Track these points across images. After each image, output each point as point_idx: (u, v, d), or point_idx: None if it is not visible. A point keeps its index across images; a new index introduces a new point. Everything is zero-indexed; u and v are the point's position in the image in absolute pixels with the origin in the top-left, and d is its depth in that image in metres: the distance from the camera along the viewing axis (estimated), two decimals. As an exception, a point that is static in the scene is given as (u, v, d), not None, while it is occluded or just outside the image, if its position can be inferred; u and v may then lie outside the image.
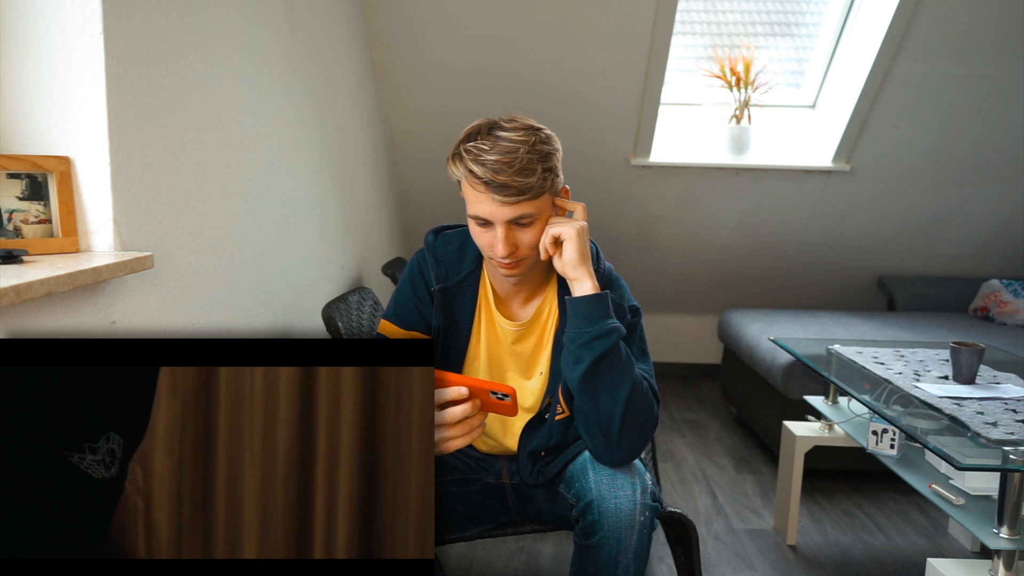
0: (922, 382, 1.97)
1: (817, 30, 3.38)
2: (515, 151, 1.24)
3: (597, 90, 3.11)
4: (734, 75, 3.31)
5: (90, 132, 1.18)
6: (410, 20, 2.88)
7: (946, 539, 2.35)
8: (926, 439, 1.61)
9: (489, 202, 1.26)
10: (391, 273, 2.96)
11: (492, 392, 1.07)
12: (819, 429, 2.30)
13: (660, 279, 3.93)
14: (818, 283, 3.97)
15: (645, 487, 1.29)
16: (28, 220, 1.17)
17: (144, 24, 1.27)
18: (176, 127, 1.38)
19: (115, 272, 1.13)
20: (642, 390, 1.29)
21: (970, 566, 1.57)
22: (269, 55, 1.84)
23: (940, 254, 3.83)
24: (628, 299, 1.42)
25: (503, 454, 1.53)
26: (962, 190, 3.50)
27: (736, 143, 3.37)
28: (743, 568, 2.16)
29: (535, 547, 2.25)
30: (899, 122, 3.22)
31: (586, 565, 1.29)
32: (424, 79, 3.09)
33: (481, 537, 1.54)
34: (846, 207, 3.57)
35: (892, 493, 2.65)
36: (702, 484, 2.75)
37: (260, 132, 1.78)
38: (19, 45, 1.16)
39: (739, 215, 3.63)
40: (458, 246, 1.45)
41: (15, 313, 1.02)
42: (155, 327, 1.32)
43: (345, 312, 2.04)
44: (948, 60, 2.99)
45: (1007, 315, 3.48)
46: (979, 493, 1.71)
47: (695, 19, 3.47)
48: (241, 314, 1.68)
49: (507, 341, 1.44)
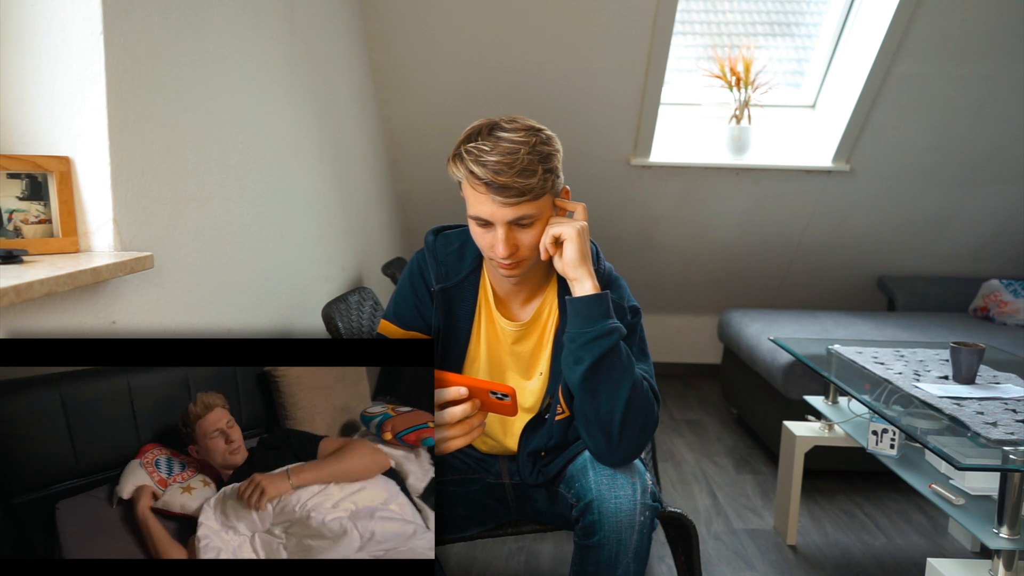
0: (922, 382, 1.97)
1: (817, 30, 3.38)
2: (516, 152, 1.24)
3: (597, 90, 3.11)
4: (734, 75, 3.31)
5: (90, 132, 1.18)
6: (410, 20, 2.88)
7: (946, 539, 2.35)
8: (926, 439, 1.61)
9: (490, 203, 1.26)
10: (391, 273, 2.95)
11: (492, 392, 1.07)
12: (819, 429, 2.30)
13: (660, 279, 3.93)
14: (818, 283, 3.97)
15: (645, 487, 1.29)
16: (28, 220, 1.17)
17: (144, 24, 1.26)
18: (176, 127, 1.38)
19: (115, 272, 1.13)
20: (642, 390, 1.29)
21: (970, 566, 1.57)
22: (269, 55, 1.84)
23: (940, 254, 3.82)
24: (628, 299, 1.42)
25: (503, 454, 1.53)
26: (962, 190, 3.50)
27: (736, 143, 3.37)
28: (743, 568, 2.16)
29: (535, 547, 2.25)
30: (899, 122, 3.22)
31: (586, 565, 1.29)
32: (424, 79, 3.09)
33: (481, 537, 1.54)
34: (846, 207, 3.57)
35: (892, 493, 2.65)
36: (702, 484, 2.75)
37: (260, 132, 1.78)
38: (19, 45, 1.16)
39: (739, 215, 3.63)
40: (458, 246, 1.45)
41: (15, 313, 1.02)
42: (155, 327, 1.32)
43: (345, 312, 2.04)
44: (948, 60, 2.99)
45: (1007, 315, 3.48)
46: (979, 493, 1.71)
47: (695, 19, 3.47)
48: (241, 314, 1.68)
49: (507, 341, 1.44)
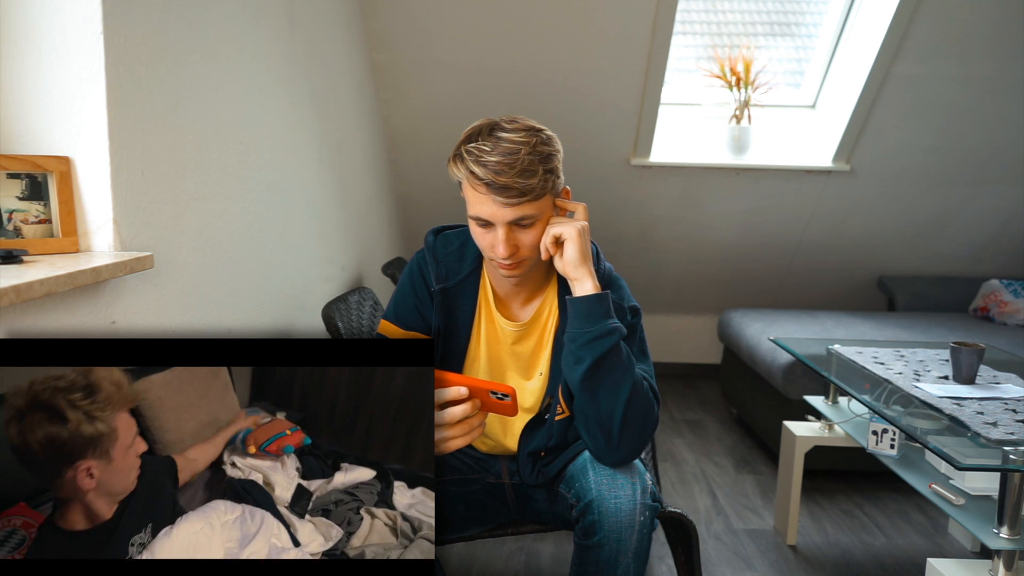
0: (922, 382, 1.97)
1: (817, 30, 3.38)
2: (516, 152, 1.24)
3: (597, 90, 3.11)
4: (734, 75, 3.31)
5: (90, 132, 1.18)
6: (410, 20, 2.88)
7: (946, 539, 2.35)
8: (926, 439, 1.61)
9: (490, 203, 1.26)
10: (391, 273, 2.96)
11: (492, 392, 1.07)
12: (819, 429, 2.30)
13: (660, 279, 3.93)
14: (818, 283, 3.97)
15: (645, 487, 1.29)
16: (28, 220, 1.17)
17: (144, 24, 1.26)
18: (176, 127, 1.38)
19: (115, 272, 1.13)
20: (642, 390, 1.29)
21: (970, 566, 1.57)
22: (269, 55, 1.84)
23: (940, 254, 3.83)
24: (628, 299, 1.42)
25: (503, 454, 1.53)
26: (962, 190, 3.50)
27: (736, 143, 3.37)
28: (743, 568, 2.16)
29: (535, 547, 2.25)
30: (899, 122, 3.22)
31: (586, 565, 1.29)
32: (424, 79, 3.09)
33: (481, 537, 1.54)
34: (846, 207, 3.57)
35: (892, 493, 2.65)
36: (702, 484, 2.75)
37: (260, 132, 1.78)
38: (19, 45, 1.16)
39: (739, 215, 3.63)
40: (458, 246, 1.45)
41: (15, 313, 1.02)
42: (155, 327, 1.32)
43: (345, 312, 2.04)
44: (948, 60, 2.99)
45: (1007, 315, 3.48)
46: (979, 493, 1.71)
47: (695, 19, 3.47)
48: (241, 314, 1.68)
49: (507, 341, 1.44)
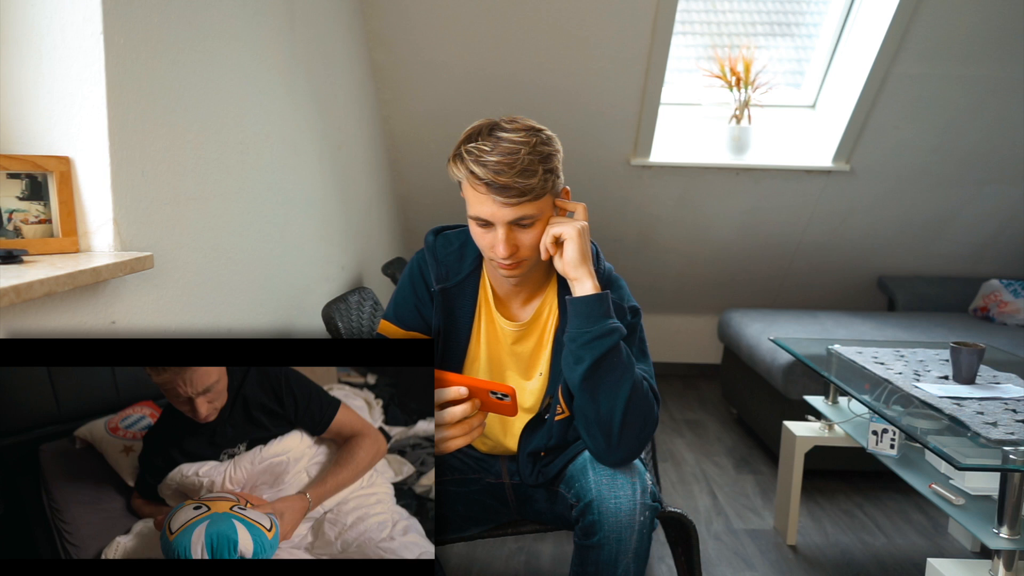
0: (922, 382, 1.97)
1: (817, 30, 3.38)
2: (516, 152, 1.24)
3: (597, 90, 3.11)
4: (734, 75, 3.31)
5: (90, 132, 1.18)
6: (410, 20, 2.88)
7: (946, 539, 2.35)
8: (926, 439, 1.61)
9: (490, 203, 1.26)
10: (391, 273, 2.96)
11: (492, 392, 1.07)
12: (819, 429, 2.30)
13: (660, 279, 3.93)
14: (818, 283, 3.97)
15: (645, 487, 1.29)
16: (28, 220, 1.17)
17: (144, 24, 1.26)
18: (176, 127, 1.38)
19: (115, 272, 1.13)
20: (642, 390, 1.29)
21: (970, 566, 1.57)
22: (269, 55, 1.84)
23: (940, 254, 3.82)
24: (628, 299, 1.42)
25: (503, 454, 1.53)
26: (962, 190, 3.50)
27: (736, 143, 3.37)
28: (743, 568, 2.16)
29: (535, 547, 2.25)
30: (899, 122, 3.22)
31: (586, 565, 1.29)
32: (424, 79, 3.09)
33: (481, 537, 1.54)
34: (846, 207, 3.57)
35: (892, 493, 2.65)
36: (702, 484, 2.75)
37: (260, 132, 1.78)
38: (19, 45, 1.16)
39: (739, 215, 3.63)
40: (458, 246, 1.45)
41: (15, 313, 1.02)
42: (155, 327, 1.32)
43: (345, 312, 2.04)
44: (948, 60, 2.99)
45: (1007, 315, 3.48)
46: (979, 493, 1.71)
47: (695, 19, 3.47)
48: (241, 314, 1.68)
49: (507, 341, 1.44)
